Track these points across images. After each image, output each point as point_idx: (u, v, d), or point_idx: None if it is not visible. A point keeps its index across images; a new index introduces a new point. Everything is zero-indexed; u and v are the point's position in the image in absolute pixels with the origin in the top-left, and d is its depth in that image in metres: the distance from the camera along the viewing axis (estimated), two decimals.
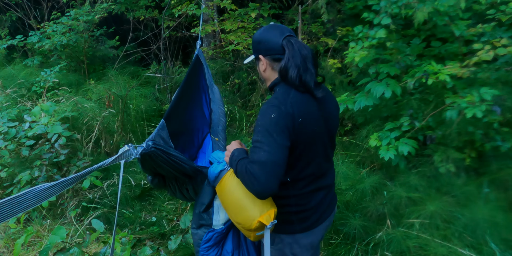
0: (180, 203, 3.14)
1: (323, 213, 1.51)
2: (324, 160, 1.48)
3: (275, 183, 1.23)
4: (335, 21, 4.05)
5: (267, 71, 1.44)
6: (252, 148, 1.30)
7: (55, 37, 4.59)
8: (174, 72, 5.18)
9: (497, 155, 2.66)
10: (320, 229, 1.51)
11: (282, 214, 1.44)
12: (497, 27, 2.64)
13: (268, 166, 1.22)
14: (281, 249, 1.49)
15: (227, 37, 3.98)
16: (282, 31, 1.39)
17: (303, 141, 1.34)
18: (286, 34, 1.38)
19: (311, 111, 1.36)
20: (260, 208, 1.37)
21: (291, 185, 1.42)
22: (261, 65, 1.45)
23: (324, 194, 1.50)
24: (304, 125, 1.32)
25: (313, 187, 1.45)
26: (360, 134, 3.26)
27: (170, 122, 1.80)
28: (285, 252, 1.49)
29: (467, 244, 2.33)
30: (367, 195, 2.81)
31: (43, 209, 2.97)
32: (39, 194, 0.96)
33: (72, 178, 1.05)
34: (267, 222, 1.35)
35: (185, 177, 1.85)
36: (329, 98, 1.49)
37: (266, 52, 1.41)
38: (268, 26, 1.45)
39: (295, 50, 1.34)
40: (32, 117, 3.03)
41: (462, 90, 2.55)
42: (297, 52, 1.34)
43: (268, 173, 1.22)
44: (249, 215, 1.37)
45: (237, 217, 1.43)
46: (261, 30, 1.44)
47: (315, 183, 1.46)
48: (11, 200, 0.90)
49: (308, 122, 1.34)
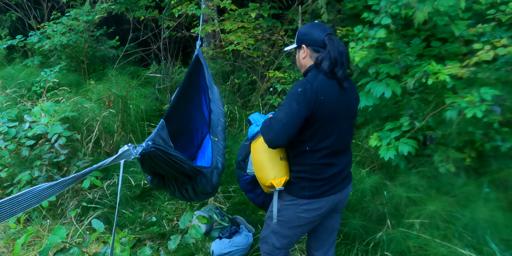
0: (180, 203, 3.14)
1: (333, 188, 1.71)
2: (341, 140, 1.68)
3: (284, 137, 1.54)
4: (335, 21, 4.05)
5: (306, 58, 1.69)
6: (277, 109, 1.63)
7: (55, 37, 4.59)
8: (174, 72, 5.17)
9: (497, 155, 2.66)
10: (327, 200, 1.71)
11: (297, 179, 1.70)
12: (497, 27, 2.64)
13: (282, 123, 1.54)
14: (287, 206, 1.73)
15: (227, 37, 3.98)
16: (324, 28, 1.65)
17: (322, 116, 1.58)
18: (328, 31, 1.64)
19: (334, 94, 1.60)
20: (276, 172, 1.69)
21: (309, 154, 1.65)
22: (302, 53, 1.70)
23: (338, 170, 1.70)
24: (326, 103, 1.57)
25: (328, 160, 1.66)
26: (360, 134, 3.26)
27: (169, 122, 1.81)
28: (289, 210, 1.73)
29: (467, 244, 2.33)
30: (367, 195, 2.82)
31: (43, 209, 2.97)
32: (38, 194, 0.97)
33: (72, 178, 1.05)
34: (277, 185, 1.68)
35: (184, 177, 1.85)
36: (352, 90, 1.72)
37: (310, 43, 1.66)
38: (313, 23, 1.71)
39: (334, 45, 1.59)
40: (32, 117, 3.02)
41: (462, 90, 2.54)
42: (336, 48, 1.59)
43: (280, 128, 1.54)
44: (266, 175, 1.70)
45: (257, 173, 1.76)
46: (307, 25, 1.70)
47: (331, 158, 1.67)
48: (10, 200, 0.90)
49: (329, 102, 1.58)
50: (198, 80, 2.55)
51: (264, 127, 1.62)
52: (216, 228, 2.84)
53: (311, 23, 1.72)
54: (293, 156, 1.71)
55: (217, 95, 2.56)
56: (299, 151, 1.66)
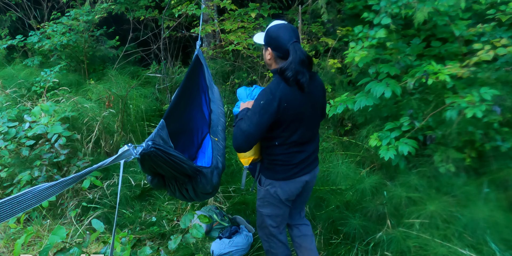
0: (180, 203, 3.14)
1: (302, 170, 1.97)
2: (308, 132, 1.91)
3: (247, 146, 1.78)
4: (335, 21, 4.05)
5: (271, 60, 1.83)
6: (244, 117, 1.80)
7: (55, 37, 4.59)
8: (174, 72, 5.17)
9: (497, 155, 2.66)
10: (298, 181, 1.98)
11: (271, 164, 1.95)
12: (497, 27, 2.64)
13: (245, 134, 1.75)
14: (268, 189, 1.99)
15: (227, 37, 3.98)
16: (291, 35, 1.72)
17: (287, 119, 1.77)
18: (293, 40, 1.71)
19: (296, 98, 1.76)
20: (246, 153, 1.94)
21: (278, 147, 1.88)
22: (267, 54, 1.82)
23: (306, 156, 1.95)
24: (289, 108, 1.74)
25: (296, 149, 1.90)
26: (360, 134, 3.26)
27: (169, 122, 1.81)
28: (270, 192, 1.98)
29: (467, 244, 2.33)
30: (367, 195, 2.82)
31: (43, 209, 2.97)
32: (38, 194, 0.96)
33: (72, 178, 1.05)
34: (244, 163, 2.00)
35: (184, 177, 1.84)
36: (316, 85, 1.89)
37: (275, 48, 1.77)
38: (283, 26, 1.77)
39: (297, 55, 1.69)
40: (32, 117, 3.02)
41: (462, 90, 2.55)
42: (298, 57, 1.69)
43: (244, 139, 1.76)
44: (239, 153, 1.97)
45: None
46: (277, 28, 1.77)
47: (298, 147, 1.90)
48: (10, 200, 0.90)
49: (292, 106, 1.75)
50: (198, 80, 2.54)
51: (234, 135, 1.82)
52: (216, 228, 2.84)
53: (280, 25, 1.77)
54: (265, 147, 1.94)
55: (217, 95, 2.56)
56: (270, 145, 1.89)
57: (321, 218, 2.82)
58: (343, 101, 2.98)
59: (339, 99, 3.02)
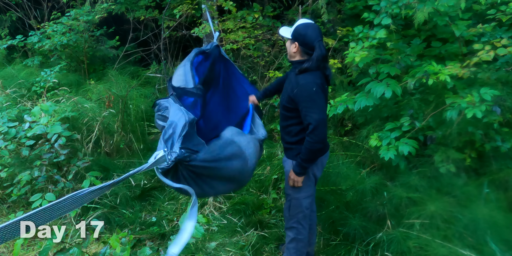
0: (180, 203, 3.14)
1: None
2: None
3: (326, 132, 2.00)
4: (335, 21, 4.06)
5: (296, 53, 2.05)
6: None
7: (55, 37, 4.59)
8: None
9: (497, 155, 2.66)
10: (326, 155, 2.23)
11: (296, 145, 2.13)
12: (497, 27, 2.64)
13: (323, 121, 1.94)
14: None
15: (227, 36, 3.98)
16: (317, 34, 1.97)
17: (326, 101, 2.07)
18: (319, 38, 1.96)
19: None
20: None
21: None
22: (294, 47, 2.03)
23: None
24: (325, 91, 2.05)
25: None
26: (360, 134, 3.25)
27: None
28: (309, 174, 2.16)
29: (468, 245, 2.33)
30: (367, 196, 2.81)
31: None
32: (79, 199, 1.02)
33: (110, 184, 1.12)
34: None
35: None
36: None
37: (302, 44, 2.00)
38: (312, 25, 2.00)
39: (321, 52, 1.95)
40: (32, 117, 3.02)
41: (462, 90, 2.55)
42: (321, 55, 1.95)
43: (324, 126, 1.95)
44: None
45: None
46: (305, 26, 2.00)
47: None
48: (52, 206, 0.94)
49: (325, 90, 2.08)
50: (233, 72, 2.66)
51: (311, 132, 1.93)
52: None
53: (309, 24, 2.01)
54: (296, 133, 2.10)
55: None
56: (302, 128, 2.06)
57: (321, 218, 2.82)
58: (343, 101, 2.97)
59: (339, 99, 3.02)
